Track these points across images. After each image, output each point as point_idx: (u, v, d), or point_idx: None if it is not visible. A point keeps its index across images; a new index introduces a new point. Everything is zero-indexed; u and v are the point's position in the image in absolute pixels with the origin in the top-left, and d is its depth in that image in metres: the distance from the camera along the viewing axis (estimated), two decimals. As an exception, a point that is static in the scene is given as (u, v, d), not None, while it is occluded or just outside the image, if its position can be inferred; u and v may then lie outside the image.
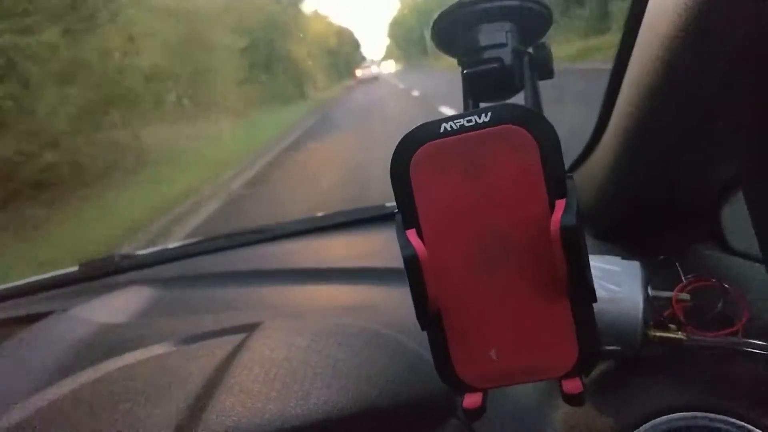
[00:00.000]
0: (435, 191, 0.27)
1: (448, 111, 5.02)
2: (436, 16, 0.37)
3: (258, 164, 6.17)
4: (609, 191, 0.55)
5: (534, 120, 0.26)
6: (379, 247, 0.86)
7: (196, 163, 6.37)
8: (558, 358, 0.27)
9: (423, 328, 0.28)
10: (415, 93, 11.42)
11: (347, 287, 0.73)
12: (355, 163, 4.81)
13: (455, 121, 0.27)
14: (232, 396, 0.41)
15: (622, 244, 0.58)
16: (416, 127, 0.28)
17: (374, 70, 31.59)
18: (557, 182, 0.26)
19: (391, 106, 10.37)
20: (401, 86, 15.78)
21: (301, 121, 10.04)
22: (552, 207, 0.26)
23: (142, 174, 5.89)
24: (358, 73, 29.31)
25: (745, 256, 0.50)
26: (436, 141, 0.27)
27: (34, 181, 4.91)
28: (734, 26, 0.31)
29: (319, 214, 1.06)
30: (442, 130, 0.27)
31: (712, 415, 0.33)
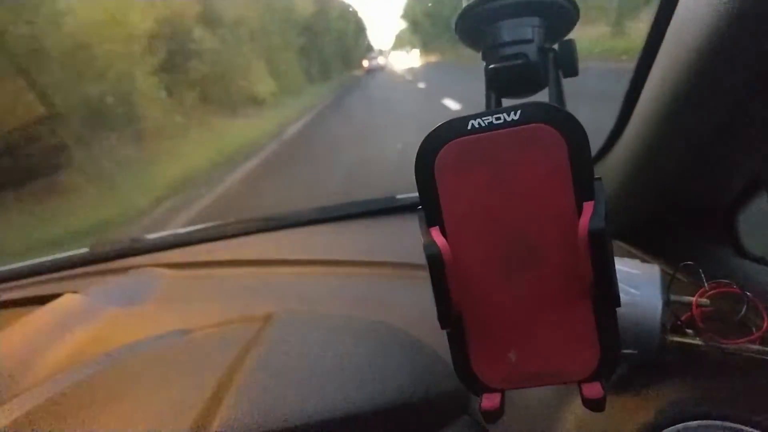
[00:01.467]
0: (460, 189, 0.27)
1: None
2: (460, 9, 0.36)
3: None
4: (628, 191, 0.54)
5: (564, 119, 0.26)
6: (388, 239, 0.85)
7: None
8: (579, 362, 0.27)
9: (443, 327, 0.27)
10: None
11: (357, 279, 0.73)
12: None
13: (483, 119, 0.26)
14: (249, 391, 0.41)
15: (638, 245, 0.57)
16: (442, 124, 0.27)
17: (381, 61, 30.59)
18: (585, 184, 0.26)
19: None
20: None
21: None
22: (579, 209, 0.25)
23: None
24: (365, 63, 28.70)
25: (763, 262, 0.50)
26: (463, 138, 0.27)
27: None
28: (763, 33, 0.30)
29: (329, 205, 1.06)
30: (469, 127, 0.27)
31: (730, 424, 0.32)
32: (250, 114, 8.88)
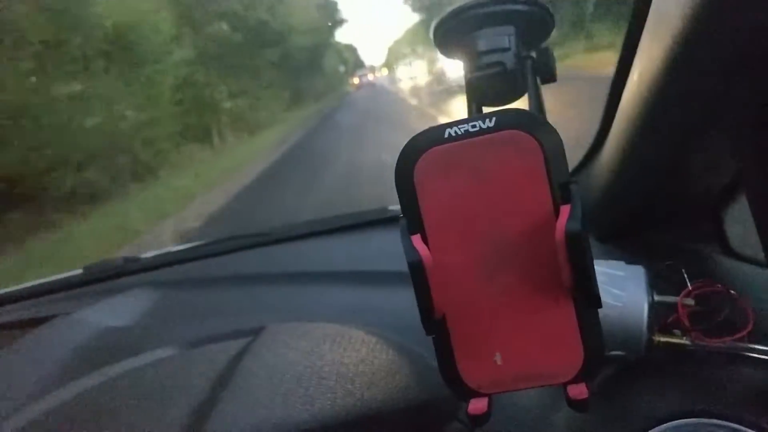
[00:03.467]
0: (439, 197, 0.27)
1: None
2: (436, 20, 0.37)
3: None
4: (612, 194, 0.55)
5: (538, 125, 0.26)
6: (381, 250, 0.86)
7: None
8: (563, 363, 0.27)
9: (428, 334, 0.28)
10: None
11: (350, 290, 0.73)
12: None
13: (459, 127, 0.27)
14: (237, 402, 0.41)
15: (624, 247, 0.58)
16: (420, 133, 0.28)
17: (370, 77, 30.10)
18: (562, 187, 0.26)
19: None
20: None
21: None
22: (557, 212, 0.26)
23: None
24: (356, 80, 28.30)
25: (750, 260, 0.50)
26: (441, 146, 0.27)
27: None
28: (736, 28, 0.31)
29: (321, 217, 1.06)
30: (446, 136, 0.27)
31: (718, 422, 0.32)
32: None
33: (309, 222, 1.03)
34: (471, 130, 0.27)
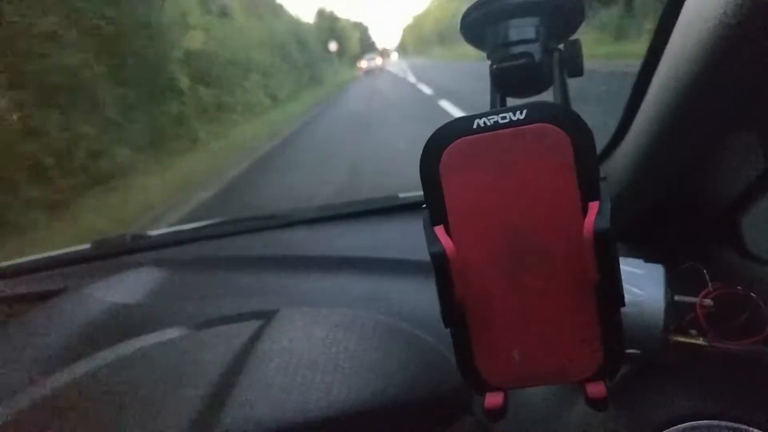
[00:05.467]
0: (465, 188, 0.27)
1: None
2: (465, 8, 0.36)
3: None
4: (631, 191, 0.54)
5: (570, 119, 0.26)
6: (391, 238, 0.86)
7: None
8: (582, 361, 0.27)
9: (447, 326, 0.27)
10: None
11: (362, 277, 0.73)
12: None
13: (489, 118, 0.26)
14: (253, 387, 0.41)
15: (642, 245, 0.57)
16: (448, 122, 0.27)
17: (378, 61, 27.08)
18: (591, 184, 0.26)
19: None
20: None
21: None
22: (584, 209, 0.25)
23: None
24: (363, 64, 25.72)
25: (766, 262, 0.50)
26: (468, 137, 0.27)
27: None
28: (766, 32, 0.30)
29: (330, 203, 1.06)
30: (474, 126, 0.27)
31: (733, 425, 0.32)
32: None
33: (319, 207, 1.02)
34: (501, 121, 0.26)
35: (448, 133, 0.27)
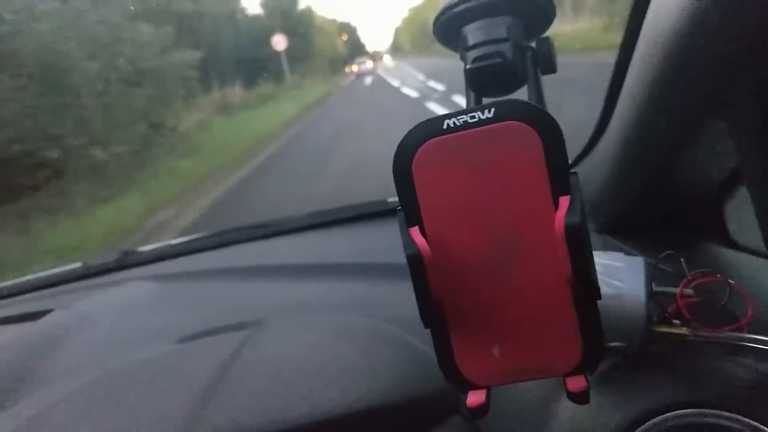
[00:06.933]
0: (438, 189, 0.27)
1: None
2: (437, 11, 0.37)
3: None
4: (613, 185, 0.54)
5: (537, 116, 0.26)
6: (380, 243, 0.86)
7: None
8: (562, 355, 0.27)
9: (426, 326, 0.28)
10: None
11: (350, 283, 0.73)
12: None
13: (458, 118, 0.27)
14: (236, 394, 0.41)
15: (624, 239, 0.57)
16: (418, 124, 0.27)
17: (369, 65, 25.15)
18: (561, 179, 0.26)
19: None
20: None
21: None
22: (556, 204, 0.26)
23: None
24: (354, 68, 23.87)
25: (750, 251, 0.50)
26: (439, 138, 0.27)
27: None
28: (738, 22, 0.30)
29: (321, 209, 1.06)
30: (444, 127, 0.27)
31: (717, 412, 0.32)
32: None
33: (307, 215, 1.02)
34: (469, 121, 0.26)
35: (419, 135, 0.27)
